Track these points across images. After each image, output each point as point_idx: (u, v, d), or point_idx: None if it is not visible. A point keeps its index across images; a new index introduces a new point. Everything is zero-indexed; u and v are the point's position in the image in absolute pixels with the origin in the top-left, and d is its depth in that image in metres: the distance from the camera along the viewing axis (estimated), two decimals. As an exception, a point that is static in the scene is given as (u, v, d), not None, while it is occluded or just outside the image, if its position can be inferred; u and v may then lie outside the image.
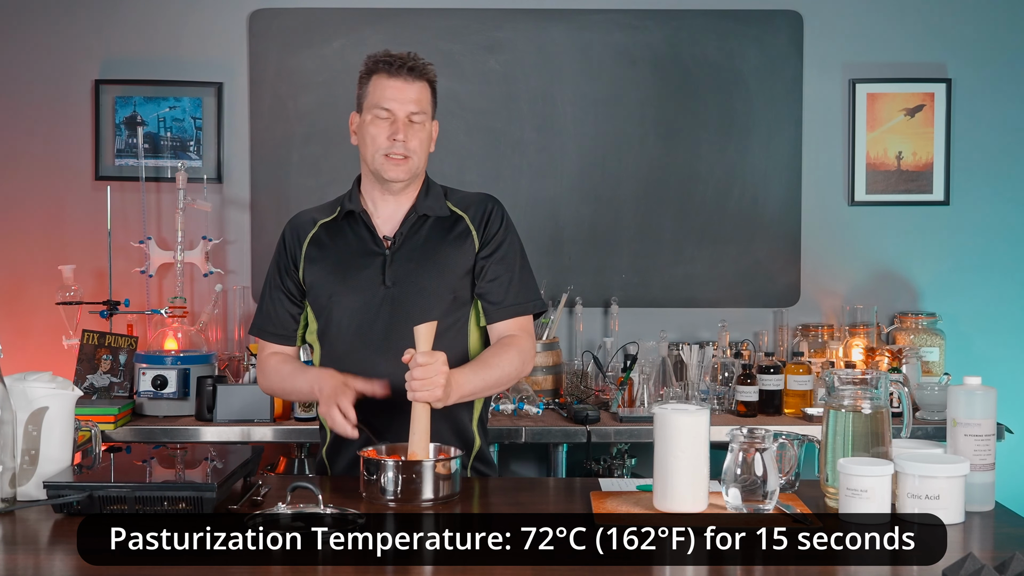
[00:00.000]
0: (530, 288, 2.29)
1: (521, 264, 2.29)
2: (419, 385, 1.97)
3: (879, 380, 1.91)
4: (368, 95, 2.22)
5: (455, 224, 2.26)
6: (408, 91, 2.19)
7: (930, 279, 3.78)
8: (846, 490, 1.80)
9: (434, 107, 2.27)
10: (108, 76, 3.71)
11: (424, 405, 2.01)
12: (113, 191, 3.62)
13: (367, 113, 2.22)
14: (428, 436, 2.01)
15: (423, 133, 2.22)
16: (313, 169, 3.70)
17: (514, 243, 2.29)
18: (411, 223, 2.25)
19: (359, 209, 2.26)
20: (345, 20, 3.71)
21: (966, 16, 3.76)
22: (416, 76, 2.20)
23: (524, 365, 2.23)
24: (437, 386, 1.98)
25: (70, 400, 1.98)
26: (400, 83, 2.19)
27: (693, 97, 3.76)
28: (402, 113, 2.19)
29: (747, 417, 3.26)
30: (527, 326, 2.27)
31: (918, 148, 3.77)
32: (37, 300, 3.68)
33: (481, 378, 2.15)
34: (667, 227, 3.77)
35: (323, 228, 2.29)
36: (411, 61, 2.20)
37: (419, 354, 1.98)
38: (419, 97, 2.20)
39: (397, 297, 2.20)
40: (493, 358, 2.20)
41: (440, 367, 1.99)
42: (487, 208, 2.28)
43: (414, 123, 2.20)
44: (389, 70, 2.19)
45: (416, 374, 1.97)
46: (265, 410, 3.16)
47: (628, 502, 1.90)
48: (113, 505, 1.81)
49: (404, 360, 2.00)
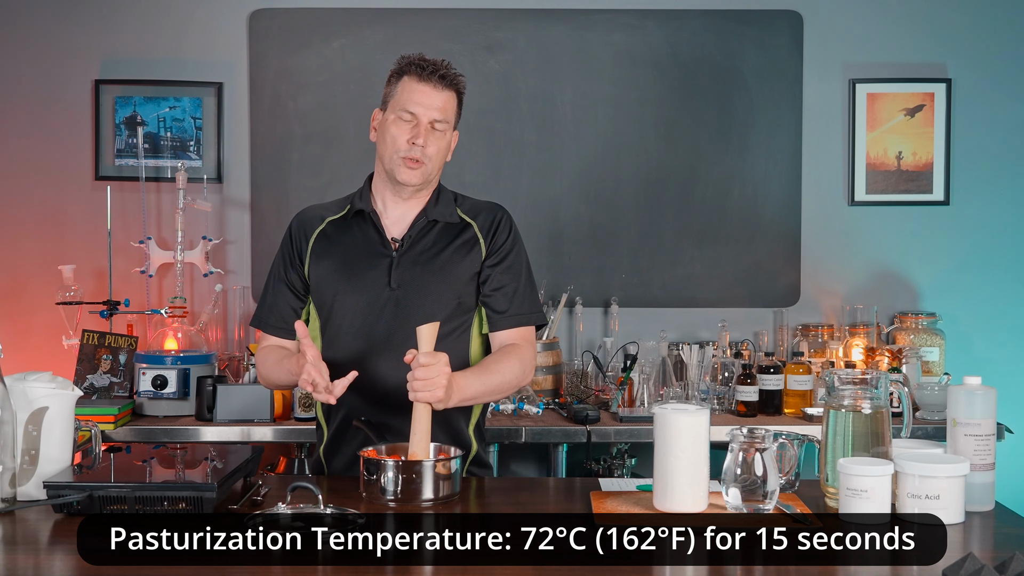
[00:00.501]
0: (533, 300, 2.30)
1: (527, 275, 2.30)
2: (421, 385, 1.97)
3: (879, 380, 1.91)
4: (395, 95, 2.22)
5: (463, 231, 2.27)
6: (436, 97, 2.20)
7: (930, 279, 3.78)
8: (846, 490, 1.80)
9: (458, 118, 2.28)
10: (108, 76, 3.71)
11: (425, 406, 2.01)
12: (113, 191, 3.62)
13: (391, 113, 2.22)
14: (429, 436, 2.01)
15: (442, 141, 2.23)
16: (313, 169, 3.70)
17: (520, 254, 2.30)
18: (420, 227, 2.25)
19: (369, 209, 2.26)
20: (345, 20, 3.71)
21: (966, 16, 3.76)
22: (446, 84, 2.21)
23: (525, 374, 2.23)
24: (439, 387, 1.98)
25: (70, 400, 1.98)
26: (429, 88, 2.20)
27: (693, 97, 3.76)
28: (426, 118, 2.19)
29: (747, 417, 3.26)
30: (529, 336, 2.28)
31: (918, 148, 3.77)
32: (37, 300, 3.68)
33: (482, 383, 2.15)
34: (667, 227, 3.77)
35: (331, 225, 2.29)
36: (443, 69, 2.21)
37: (421, 354, 1.98)
38: (445, 105, 2.21)
39: (401, 299, 2.20)
40: (495, 364, 2.20)
41: (442, 368, 1.99)
42: (496, 217, 2.29)
43: (436, 130, 2.21)
44: (421, 74, 2.20)
45: (418, 374, 1.97)
46: (265, 410, 3.16)
47: (628, 502, 1.90)
48: (113, 505, 1.81)
49: (406, 360, 2.00)
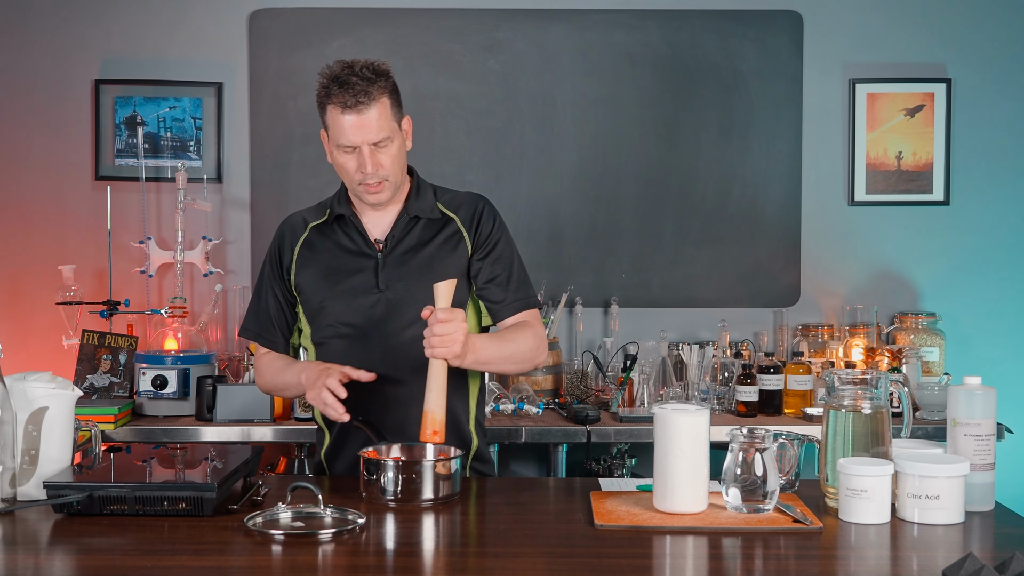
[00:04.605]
0: (528, 284, 2.29)
1: (517, 261, 2.29)
2: (438, 341, 1.95)
3: (879, 380, 1.91)
4: (329, 126, 2.16)
5: (446, 225, 2.25)
6: (365, 123, 2.10)
7: (930, 279, 3.78)
8: (846, 490, 1.80)
9: (399, 112, 2.19)
10: (108, 76, 3.71)
11: (441, 362, 1.98)
12: (113, 191, 3.62)
13: (332, 143, 2.16)
14: (444, 394, 1.98)
15: (392, 150, 2.16)
16: (313, 169, 3.70)
17: (508, 241, 2.29)
18: (402, 225, 2.24)
19: (348, 212, 2.25)
20: (345, 20, 3.71)
21: (966, 16, 3.76)
22: (367, 103, 2.10)
23: (539, 349, 2.22)
24: (456, 342, 1.96)
25: (70, 400, 1.98)
26: (354, 117, 2.10)
27: (693, 97, 3.76)
28: (366, 146, 2.12)
29: (747, 417, 3.26)
30: (537, 316, 2.28)
31: (918, 148, 3.77)
32: (37, 300, 3.68)
33: (497, 348, 2.13)
34: (667, 227, 3.77)
35: (314, 231, 2.27)
36: (358, 89, 2.09)
37: (439, 310, 1.96)
38: (378, 124, 2.12)
39: (391, 300, 2.20)
40: (509, 334, 2.19)
41: (460, 324, 1.97)
42: (477, 208, 2.27)
43: (381, 146, 2.14)
44: (343, 106, 2.10)
45: (436, 330, 1.95)
46: (265, 410, 3.16)
47: (628, 502, 1.90)
48: (113, 505, 1.81)
49: (423, 316, 1.98)
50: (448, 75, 3.70)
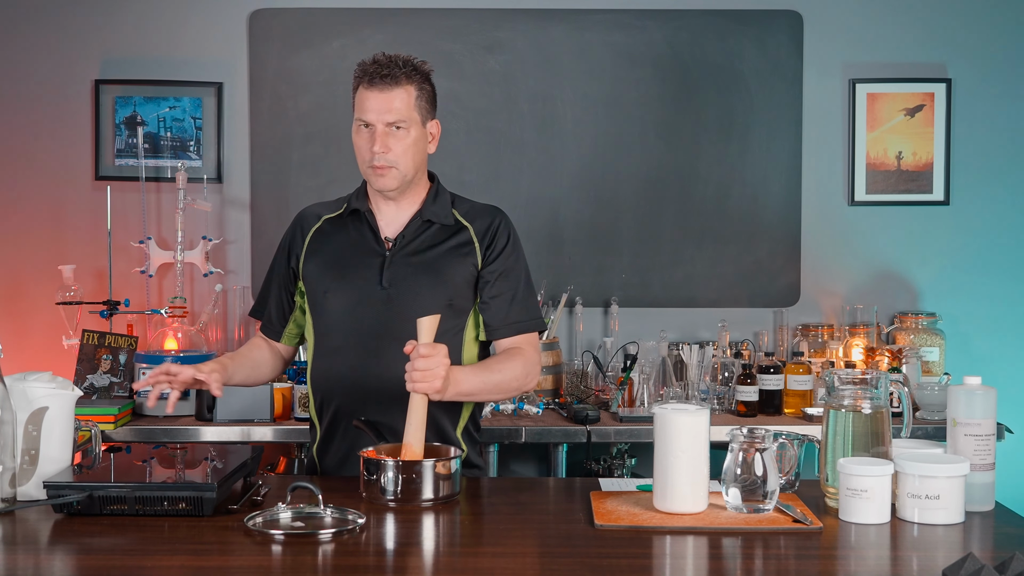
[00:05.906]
0: (532, 307, 2.28)
1: (525, 281, 2.28)
2: (419, 376, 1.97)
3: (879, 380, 1.91)
4: (355, 105, 2.21)
5: (458, 233, 2.26)
6: (385, 100, 2.15)
7: (930, 279, 3.78)
8: (846, 490, 1.80)
9: (426, 109, 2.22)
10: (108, 76, 3.71)
11: (422, 397, 2.00)
12: (113, 191, 3.62)
13: (354, 123, 2.21)
14: (424, 428, 2.00)
15: (407, 140, 2.17)
16: (313, 169, 3.70)
17: (519, 260, 2.28)
18: (415, 227, 2.25)
19: (365, 208, 2.27)
20: (345, 20, 3.71)
21: (966, 16, 3.76)
22: (391, 83, 2.15)
23: (528, 376, 2.22)
24: (437, 378, 1.97)
25: (70, 400, 1.98)
26: (376, 93, 2.15)
27: (693, 97, 3.76)
28: (380, 124, 2.15)
29: (747, 417, 3.26)
30: (532, 341, 2.27)
31: (918, 148, 3.77)
32: (37, 300, 3.68)
33: (481, 380, 2.14)
34: (667, 227, 3.77)
35: (327, 223, 2.30)
36: (389, 68, 2.15)
37: (421, 345, 1.98)
38: (399, 105, 2.15)
39: (393, 298, 2.20)
40: (496, 363, 2.20)
41: (441, 360, 1.98)
42: (494, 222, 2.27)
43: (396, 131, 2.16)
44: (369, 80, 2.16)
45: (417, 365, 1.97)
46: (265, 410, 3.16)
47: (628, 502, 1.91)
48: (113, 505, 1.81)
49: (406, 351, 1.99)
50: (448, 75, 3.69)
